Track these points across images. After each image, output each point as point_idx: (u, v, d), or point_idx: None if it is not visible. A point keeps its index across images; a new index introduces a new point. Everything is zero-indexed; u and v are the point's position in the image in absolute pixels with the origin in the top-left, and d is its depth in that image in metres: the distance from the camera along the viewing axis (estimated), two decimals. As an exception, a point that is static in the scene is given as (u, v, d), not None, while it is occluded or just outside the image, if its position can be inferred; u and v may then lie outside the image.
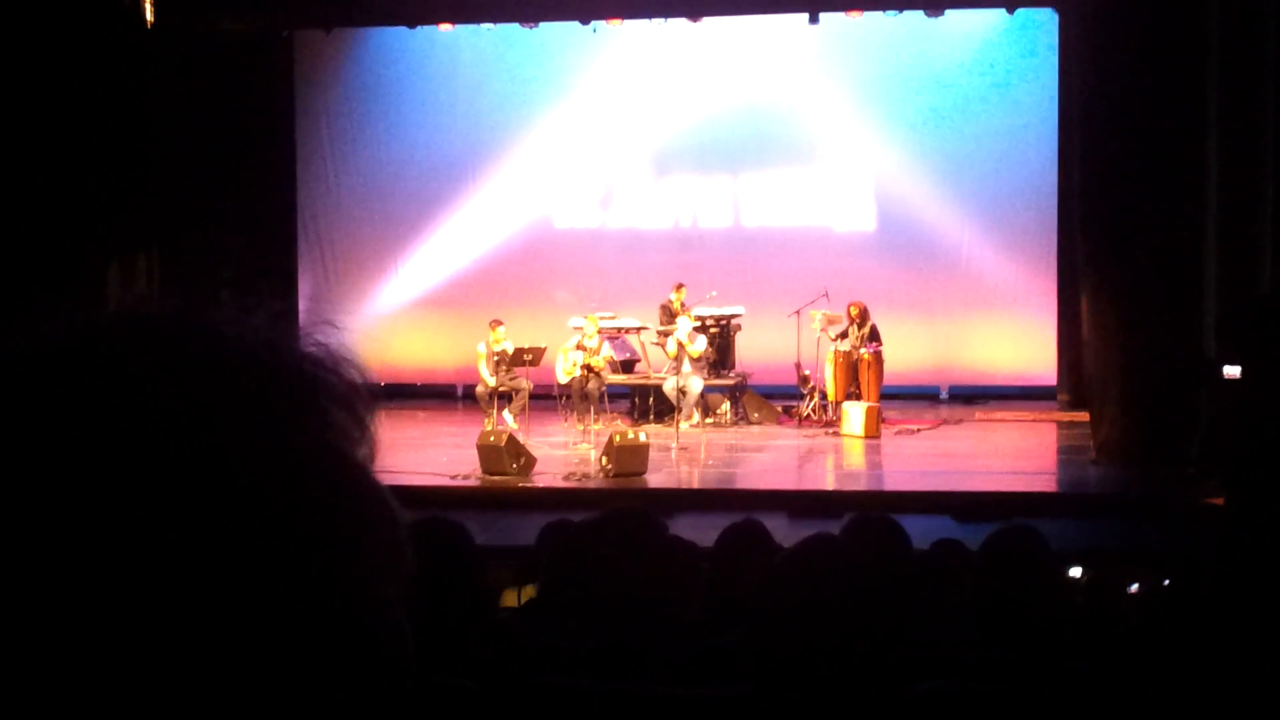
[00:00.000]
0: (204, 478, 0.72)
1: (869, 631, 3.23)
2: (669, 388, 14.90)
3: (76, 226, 13.33)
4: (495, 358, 14.89)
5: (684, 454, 13.71)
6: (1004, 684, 3.34)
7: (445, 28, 17.07)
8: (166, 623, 0.70)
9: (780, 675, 3.07)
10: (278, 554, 0.73)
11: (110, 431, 0.71)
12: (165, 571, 0.70)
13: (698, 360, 15.04)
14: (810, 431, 15.13)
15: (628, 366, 16.00)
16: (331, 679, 0.74)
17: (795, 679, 3.04)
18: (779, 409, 15.94)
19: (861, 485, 12.79)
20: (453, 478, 12.20)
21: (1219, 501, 10.63)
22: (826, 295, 15.81)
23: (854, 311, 15.44)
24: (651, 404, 15.66)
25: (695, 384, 14.92)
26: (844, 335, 15.44)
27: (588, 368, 14.82)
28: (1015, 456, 13.89)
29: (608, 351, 15.25)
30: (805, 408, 15.66)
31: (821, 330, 15.59)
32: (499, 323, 15.09)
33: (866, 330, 15.38)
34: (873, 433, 14.49)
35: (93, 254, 13.68)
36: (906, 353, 16.43)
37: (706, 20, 16.30)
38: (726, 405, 15.69)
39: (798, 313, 15.81)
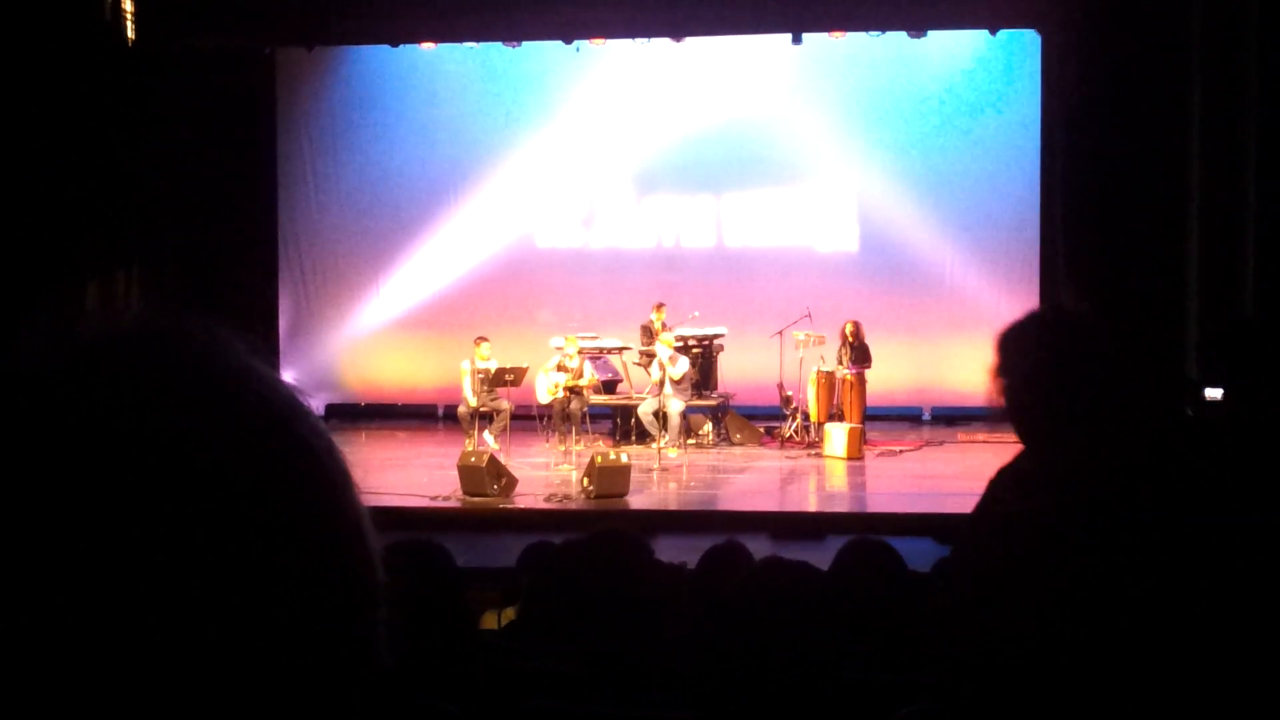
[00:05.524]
0: (204, 494, 0.72)
1: (848, 653, 3.20)
2: (644, 410, 14.91)
3: (56, 245, 13.27)
4: (479, 375, 14.83)
5: (666, 475, 13.68)
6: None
7: (428, 47, 17.08)
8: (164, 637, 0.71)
9: (759, 697, 3.04)
10: (271, 572, 0.73)
11: (109, 450, 0.72)
12: (161, 578, 0.71)
13: (679, 382, 14.99)
14: (793, 453, 15.11)
15: (609, 387, 15.97)
16: (302, 680, 0.75)
17: (773, 700, 3.01)
18: (761, 430, 15.92)
19: (844, 507, 12.75)
20: (433, 499, 12.15)
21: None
22: (809, 316, 15.82)
23: (848, 330, 15.46)
24: (633, 425, 15.61)
25: (675, 405, 14.88)
26: (840, 357, 15.46)
27: (570, 389, 14.79)
28: (997, 478, 13.83)
29: (593, 373, 15.23)
30: (788, 429, 15.65)
31: (817, 346, 15.58)
32: (484, 339, 15.05)
33: (857, 350, 15.40)
34: (855, 454, 14.47)
35: (72, 273, 13.62)
36: (889, 374, 16.42)
37: (689, 40, 16.35)
38: (709, 426, 15.66)
39: (780, 333, 15.81)
